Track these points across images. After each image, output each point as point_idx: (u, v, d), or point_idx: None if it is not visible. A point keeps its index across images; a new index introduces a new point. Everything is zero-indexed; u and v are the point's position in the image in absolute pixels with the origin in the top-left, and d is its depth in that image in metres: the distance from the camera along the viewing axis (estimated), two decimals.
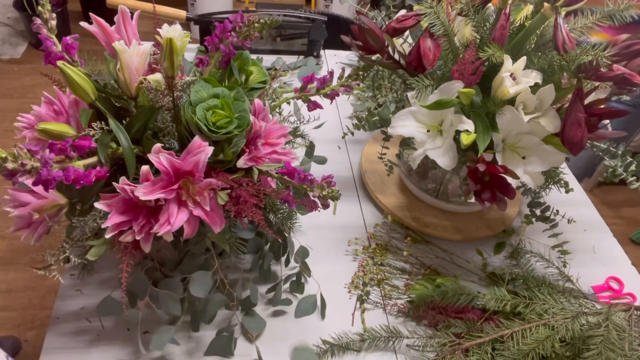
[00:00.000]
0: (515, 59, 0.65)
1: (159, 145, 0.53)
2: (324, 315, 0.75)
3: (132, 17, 0.63)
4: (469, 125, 0.66)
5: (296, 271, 0.76)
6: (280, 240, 0.73)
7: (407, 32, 0.79)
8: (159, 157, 0.53)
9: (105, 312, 0.67)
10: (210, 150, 0.54)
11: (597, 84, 0.66)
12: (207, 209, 0.55)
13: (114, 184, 0.53)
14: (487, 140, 0.65)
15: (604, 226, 0.98)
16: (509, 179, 0.67)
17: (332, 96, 0.68)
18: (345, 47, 1.16)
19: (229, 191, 0.56)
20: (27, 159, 0.45)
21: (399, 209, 0.90)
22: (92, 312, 0.71)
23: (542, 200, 0.85)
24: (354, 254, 0.86)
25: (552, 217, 0.84)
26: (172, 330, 0.66)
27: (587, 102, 0.65)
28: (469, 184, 0.69)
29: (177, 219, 0.54)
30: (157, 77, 0.57)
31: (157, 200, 0.53)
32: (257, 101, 0.61)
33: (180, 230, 0.55)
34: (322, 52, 1.31)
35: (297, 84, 0.70)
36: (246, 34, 0.63)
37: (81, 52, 0.61)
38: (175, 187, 0.54)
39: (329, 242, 0.86)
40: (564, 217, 0.86)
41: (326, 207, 0.61)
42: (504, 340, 0.67)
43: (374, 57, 0.74)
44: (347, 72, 0.79)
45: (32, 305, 1.51)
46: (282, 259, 0.77)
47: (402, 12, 0.73)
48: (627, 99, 0.77)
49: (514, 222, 0.93)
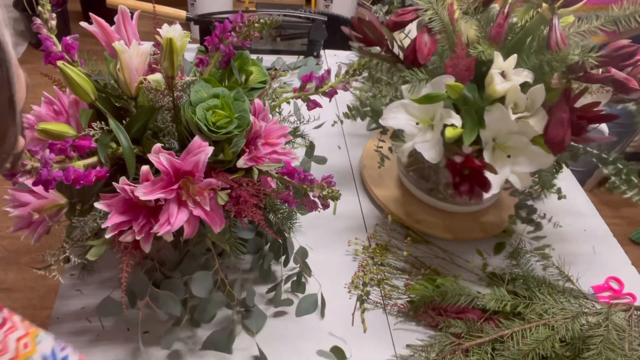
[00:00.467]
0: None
1: (159, 145, 0.53)
2: (323, 314, 0.75)
3: (132, 17, 0.63)
4: (455, 120, 0.66)
5: (296, 271, 0.76)
6: (280, 240, 0.73)
7: (409, 27, 0.79)
8: (159, 157, 0.53)
9: (105, 313, 0.67)
10: (210, 150, 0.54)
11: (594, 86, 0.66)
12: (207, 209, 0.55)
13: (114, 184, 0.53)
14: (473, 135, 0.65)
15: (604, 226, 0.98)
16: (492, 177, 0.67)
17: (330, 94, 0.68)
18: (345, 47, 1.16)
19: (229, 191, 0.56)
20: (27, 159, 0.45)
21: (399, 208, 0.90)
22: (92, 312, 0.71)
23: (529, 202, 0.83)
24: (354, 254, 0.85)
25: (538, 219, 0.82)
26: (177, 330, 0.66)
27: (580, 105, 0.65)
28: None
29: (177, 219, 0.54)
30: (157, 77, 0.57)
31: (157, 200, 0.53)
32: (257, 101, 0.61)
33: (180, 230, 0.55)
34: (322, 52, 1.31)
35: (297, 84, 0.70)
36: (246, 34, 0.63)
37: (81, 52, 0.61)
38: (175, 187, 0.54)
39: (329, 242, 0.86)
40: (550, 220, 0.85)
41: (326, 207, 0.61)
42: (504, 340, 0.67)
43: (374, 51, 0.74)
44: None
45: (32, 305, 1.51)
46: (282, 259, 0.77)
47: None
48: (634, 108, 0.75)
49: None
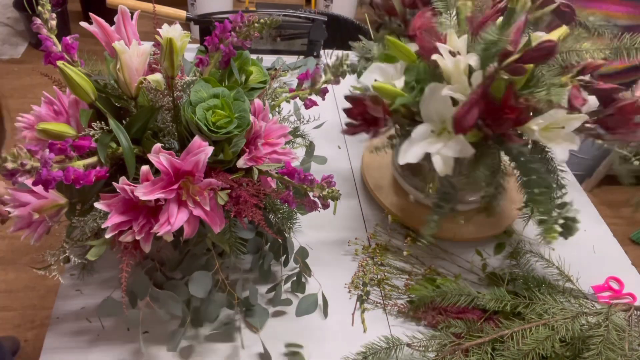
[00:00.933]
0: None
1: (159, 145, 0.53)
2: (326, 314, 0.75)
3: (132, 17, 0.63)
4: (383, 77, 0.69)
5: (296, 271, 0.76)
6: (280, 240, 0.73)
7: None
8: (159, 157, 0.53)
9: (105, 313, 0.67)
10: (210, 150, 0.54)
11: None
12: (207, 209, 0.55)
13: (114, 184, 0.53)
14: (405, 100, 0.67)
15: (604, 226, 0.98)
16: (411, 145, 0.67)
17: (324, 92, 0.68)
18: (345, 47, 1.16)
19: (229, 191, 0.56)
20: (27, 159, 0.45)
21: (399, 208, 0.90)
22: (92, 312, 0.71)
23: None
24: (354, 254, 0.85)
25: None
26: (182, 332, 0.66)
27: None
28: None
29: (177, 219, 0.54)
30: (157, 77, 0.57)
31: (157, 200, 0.53)
32: (257, 101, 0.61)
33: (180, 230, 0.55)
34: (322, 52, 1.31)
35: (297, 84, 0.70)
36: (246, 34, 0.63)
37: (81, 52, 0.61)
38: (175, 187, 0.54)
39: (329, 242, 0.86)
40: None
41: (326, 207, 0.61)
42: (504, 340, 0.67)
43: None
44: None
45: (32, 305, 1.51)
46: (282, 259, 0.77)
47: None
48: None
49: (514, 222, 0.93)
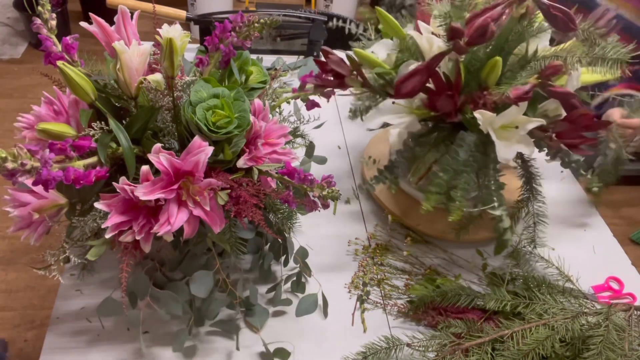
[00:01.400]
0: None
1: (159, 145, 0.53)
2: (326, 313, 0.75)
3: (132, 17, 0.63)
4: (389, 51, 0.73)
5: (296, 271, 0.76)
6: (280, 240, 0.73)
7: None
8: (159, 157, 0.53)
9: (106, 313, 0.67)
10: (210, 150, 0.54)
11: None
12: (207, 209, 0.55)
13: (114, 184, 0.53)
14: (381, 70, 0.72)
15: (604, 226, 0.98)
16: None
17: (328, 95, 0.68)
18: (345, 47, 1.16)
19: (229, 191, 0.56)
20: (27, 158, 0.45)
21: (399, 208, 0.90)
22: (92, 312, 0.71)
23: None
24: (354, 254, 0.85)
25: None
26: (186, 332, 0.67)
27: None
28: None
29: (177, 219, 0.54)
30: (157, 77, 0.57)
31: (157, 200, 0.53)
32: (257, 101, 0.61)
33: (180, 230, 0.55)
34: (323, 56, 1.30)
35: (297, 84, 0.70)
36: (246, 34, 0.63)
37: (81, 52, 0.61)
38: (175, 187, 0.54)
39: (329, 242, 0.86)
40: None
41: (326, 207, 0.61)
42: (504, 340, 0.67)
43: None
44: None
45: (32, 305, 1.50)
46: (282, 259, 0.77)
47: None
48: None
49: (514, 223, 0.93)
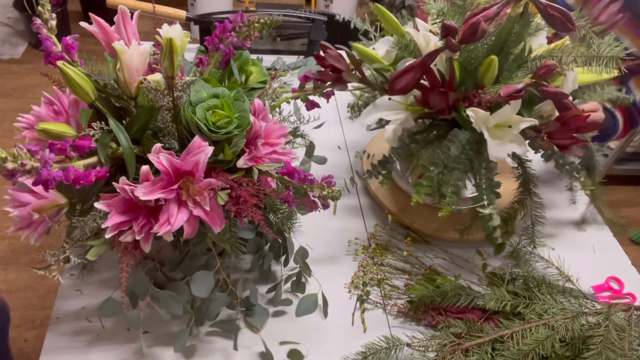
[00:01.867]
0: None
1: (159, 145, 0.53)
2: (326, 313, 0.75)
3: (132, 17, 0.63)
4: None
5: (296, 271, 0.76)
6: (280, 240, 0.73)
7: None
8: (159, 157, 0.53)
9: (106, 313, 0.67)
10: (210, 150, 0.54)
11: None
12: (207, 209, 0.55)
13: (114, 184, 0.53)
14: (379, 66, 0.75)
15: (604, 226, 0.98)
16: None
17: (328, 95, 0.68)
18: (345, 47, 1.16)
19: (229, 191, 0.56)
20: (27, 159, 0.45)
21: (397, 206, 0.90)
22: (92, 312, 0.71)
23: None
24: (354, 254, 0.85)
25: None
26: (187, 333, 0.66)
27: None
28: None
29: (177, 218, 0.54)
30: (157, 77, 0.57)
31: (157, 200, 0.53)
32: (257, 101, 0.61)
33: (180, 230, 0.55)
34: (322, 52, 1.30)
35: (297, 84, 0.70)
36: (246, 34, 0.63)
37: (81, 52, 0.61)
38: (175, 187, 0.54)
39: (329, 242, 0.86)
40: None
41: (326, 207, 0.61)
42: (504, 340, 0.67)
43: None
44: None
45: (32, 305, 1.50)
46: (282, 259, 0.77)
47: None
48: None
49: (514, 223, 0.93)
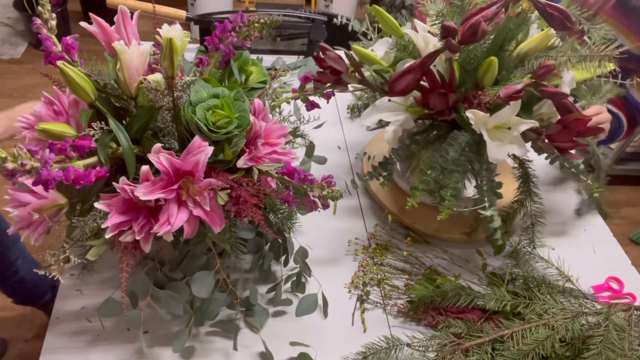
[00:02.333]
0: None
1: (159, 145, 0.53)
2: (326, 313, 0.75)
3: (131, 17, 0.63)
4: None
5: (296, 271, 0.76)
6: (280, 240, 0.73)
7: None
8: (159, 157, 0.52)
9: (106, 313, 0.67)
10: (210, 150, 0.54)
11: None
12: (207, 209, 0.55)
13: (114, 184, 0.53)
14: (378, 67, 0.75)
15: (604, 226, 0.98)
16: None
17: (328, 95, 0.68)
18: (345, 47, 1.16)
19: (229, 191, 0.56)
20: (27, 159, 0.45)
21: (397, 206, 0.90)
22: (92, 312, 0.71)
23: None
24: (354, 254, 0.85)
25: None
26: (186, 333, 0.66)
27: None
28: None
29: (177, 218, 0.54)
30: (157, 77, 0.57)
31: (157, 200, 0.53)
32: (257, 101, 0.61)
33: (180, 230, 0.55)
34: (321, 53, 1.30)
35: (297, 84, 0.70)
36: (246, 34, 0.63)
37: (81, 52, 0.61)
38: (175, 187, 0.54)
39: (329, 242, 0.86)
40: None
41: (326, 207, 0.61)
42: (504, 340, 0.67)
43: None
44: None
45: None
46: (282, 259, 0.77)
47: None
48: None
49: (514, 223, 0.93)
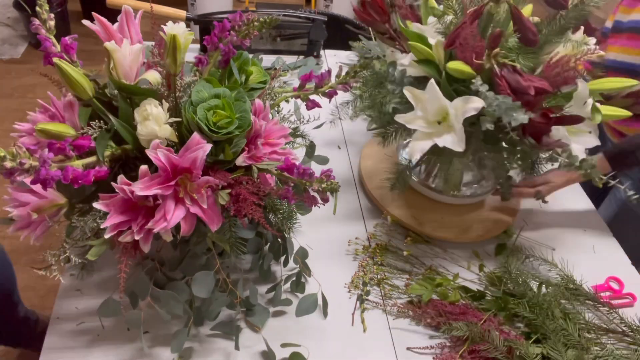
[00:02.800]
0: None
1: (157, 141, 0.53)
2: (326, 313, 0.75)
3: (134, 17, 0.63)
4: (478, 102, 0.66)
5: (296, 271, 0.76)
6: (280, 240, 0.73)
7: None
8: (157, 152, 0.52)
9: (106, 313, 0.67)
10: (208, 147, 0.54)
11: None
12: (205, 206, 0.54)
13: (113, 184, 0.52)
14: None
15: (604, 226, 0.98)
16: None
17: (330, 94, 0.67)
18: (345, 47, 1.16)
19: (230, 191, 0.56)
20: (26, 157, 0.45)
21: (398, 208, 0.90)
22: (92, 312, 0.71)
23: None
24: (354, 254, 0.85)
25: None
26: (185, 333, 0.66)
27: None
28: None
29: (173, 215, 0.53)
30: (155, 76, 0.57)
31: (156, 199, 0.53)
32: (257, 101, 0.61)
33: (179, 230, 0.55)
34: (322, 52, 1.31)
35: (297, 83, 0.70)
36: (245, 33, 0.63)
37: (81, 52, 0.61)
38: (172, 183, 0.53)
39: (329, 242, 0.86)
40: None
41: (326, 201, 0.60)
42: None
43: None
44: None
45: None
46: (282, 259, 0.77)
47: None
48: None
49: (514, 223, 0.93)
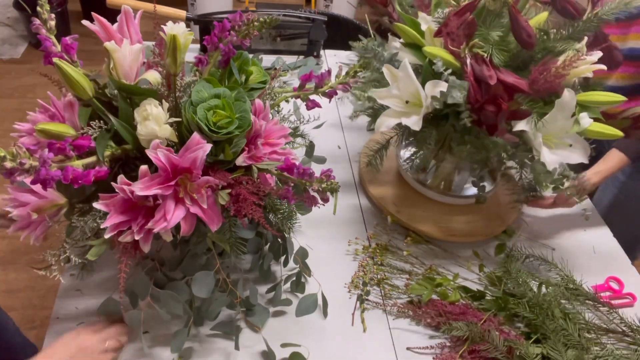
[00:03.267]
0: None
1: (157, 141, 0.53)
2: (326, 313, 0.75)
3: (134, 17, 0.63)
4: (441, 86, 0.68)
5: (296, 271, 0.76)
6: (280, 240, 0.73)
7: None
8: (157, 152, 0.52)
9: (106, 313, 0.67)
10: (208, 147, 0.54)
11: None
12: (205, 206, 0.54)
13: (113, 184, 0.52)
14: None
15: (604, 226, 0.98)
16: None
17: (330, 94, 0.67)
18: (345, 47, 1.16)
19: (230, 191, 0.56)
20: (26, 157, 0.45)
21: (398, 209, 0.90)
22: (92, 312, 0.71)
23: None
24: (354, 254, 0.85)
25: None
26: (185, 333, 0.66)
27: None
28: None
29: (173, 215, 0.53)
30: (155, 75, 0.57)
31: (156, 199, 0.53)
32: (257, 101, 0.61)
33: (179, 230, 0.55)
34: (322, 52, 1.31)
35: (297, 83, 0.70)
36: (245, 33, 0.63)
37: (81, 52, 0.61)
38: (172, 183, 0.53)
39: (329, 242, 0.86)
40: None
41: (326, 201, 0.60)
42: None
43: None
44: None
45: (32, 305, 1.50)
46: (282, 259, 0.77)
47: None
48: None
49: (514, 223, 0.93)
